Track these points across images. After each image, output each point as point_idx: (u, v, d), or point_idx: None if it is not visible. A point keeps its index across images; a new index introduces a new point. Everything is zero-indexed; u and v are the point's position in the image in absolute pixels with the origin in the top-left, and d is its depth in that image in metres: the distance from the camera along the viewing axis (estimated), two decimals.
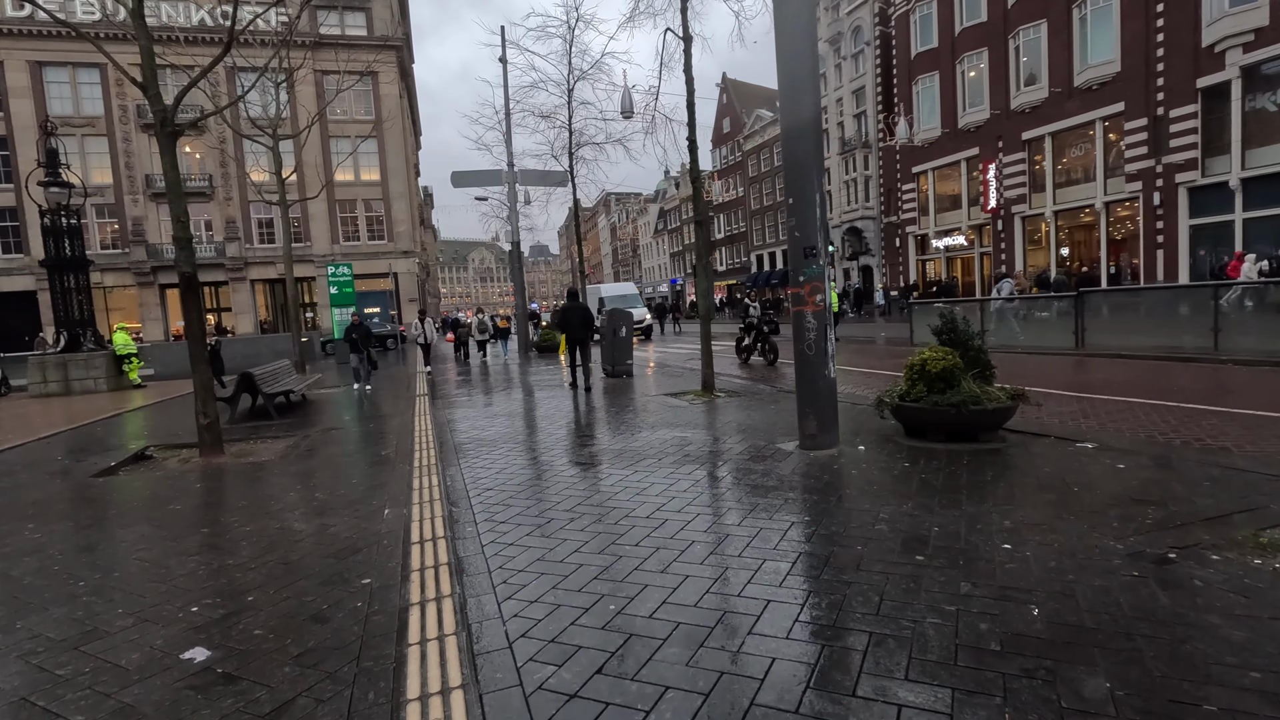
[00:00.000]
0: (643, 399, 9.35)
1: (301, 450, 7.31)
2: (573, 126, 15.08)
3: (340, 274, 21.91)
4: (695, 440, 6.30)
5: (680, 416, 7.71)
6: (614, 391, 10.42)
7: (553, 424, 7.93)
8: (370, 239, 39.70)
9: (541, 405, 9.60)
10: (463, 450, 6.52)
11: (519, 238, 22.56)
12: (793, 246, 5.48)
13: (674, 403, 8.84)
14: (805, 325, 5.41)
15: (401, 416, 9.29)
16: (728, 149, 59.59)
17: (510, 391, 11.77)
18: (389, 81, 39.23)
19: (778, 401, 8.29)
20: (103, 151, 35.61)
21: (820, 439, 5.44)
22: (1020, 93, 31.12)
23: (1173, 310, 13.45)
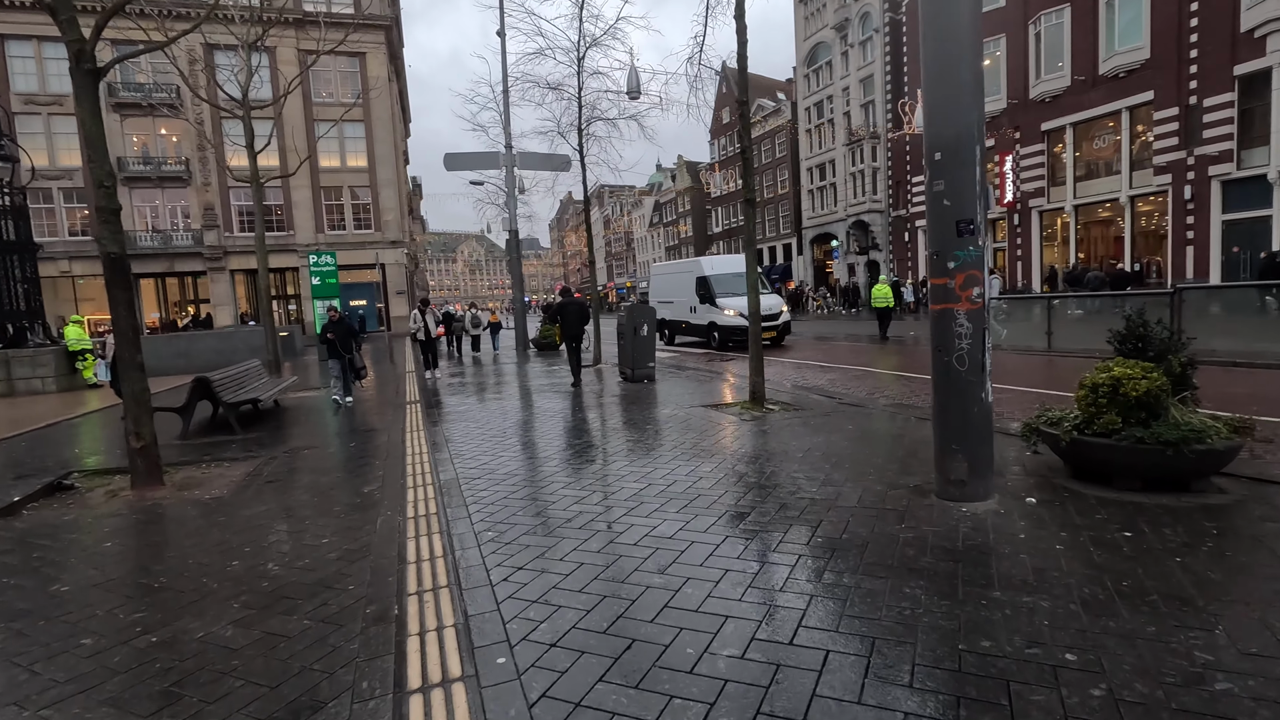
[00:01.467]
0: (680, 413, 7.82)
1: (261, 482, 5.72)
2: (583, 100, 13.42)
3: (323, 263, 20.20)
4: (781, 482, 4.77)
5: (742, 441, 6.19)
6: (640, 402, 8.88)
7: (579, 450, 6.37)
8: (357, 228, 37.87)
9: (555, 419, 8.05)
10: (471, 493, 4.95)
11: (517, 225, 20.96)
12: (937, 220, 3.97)
13: (721, 418, 7.32)
14: (955, 329, 3.91)
15: (390, 433, 7.71)
16: (726, 140, 58.00)
17: (514, 398, 10.20)
18: (377, 63, 37.31)
19: (854, 420, 6.78)
20: (70, 132, 33.41)
21: (971, 487, 3.94)
22: (1040, 81, 29.79)
23: None
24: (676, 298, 20.22)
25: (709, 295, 17.72)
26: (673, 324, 20.48)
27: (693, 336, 19.48)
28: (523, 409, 8.89)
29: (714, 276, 18.05)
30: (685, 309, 19.48)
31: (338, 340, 10.11)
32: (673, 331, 20.56)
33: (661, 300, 21.01)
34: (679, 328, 20.21)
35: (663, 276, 22.75)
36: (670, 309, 20.46)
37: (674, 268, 22.93)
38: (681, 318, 19.88)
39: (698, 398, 8.88)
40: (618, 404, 8.79)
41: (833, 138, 44.34)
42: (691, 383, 10.43)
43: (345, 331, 10.17)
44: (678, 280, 20.54)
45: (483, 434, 7.21)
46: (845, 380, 10.27)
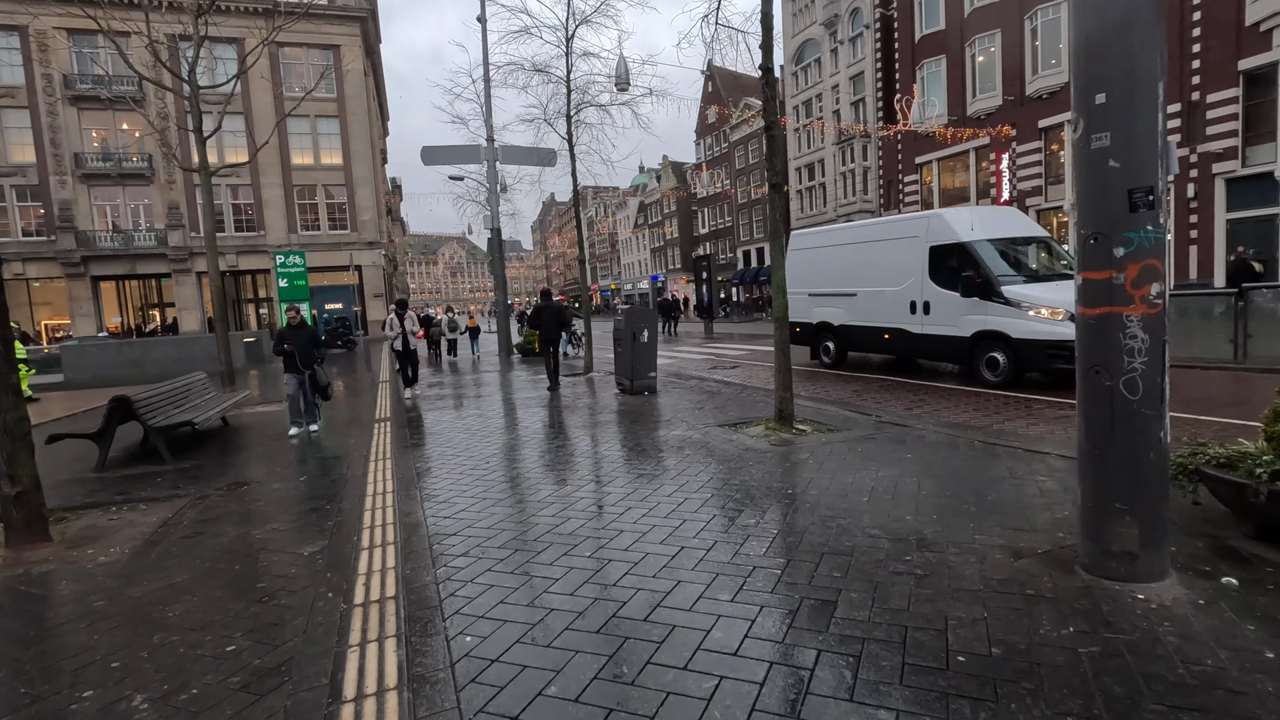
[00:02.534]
0: (695, 435, 6.65)
1: (176, 536, 4.47)
2: (572, 83, 12.24)
3: (291, 264, 18.80)
4: (858, 544, 3.61)
5: (783, 477, 5.01)
6: (644, 420, 7.70)
7: (579, 491, 5.17)
8: (332, 228, 36.29)
9: (546, 446, 6.84)
10: (445, 563, 3.72)
11: (499, 223, 19.72)
12: (1098, 189, 2.85)
13: (746, 443, 6.16)
14: (1123, 342, 2.78)
15: (351, 461, 6.46)
16: (713, 139, 57.11)
17: (497, 416, 8.97)
18: (352, 55, 35.82)
19: (909, 448, 5.65)
20: (24, 126, 31.63)
21: (1144, 561, 2.83)
22: (1037, 77, 29.11)
23: None
24: (865, 285, 11.58)
25: (981, 280, 9.58)
26: (851, 333, 11.90)
27: (914, 355, 10.99)
28: (507, 430, 7.67)
29: (980, 244, 9.92)
30: (892, 306, 10.87)
31: (297, 352, 8.05)
32: (848, 345, 12.14)
33: (820, 291, 12.53)
34: (872, 339, 11.48)
35: (823, 251, 12.75)
36: (844, 306, 11.96)
37: (856, 233, 12.56)
38: (882, 321, 11.12)
39: (710, 415, 7.71)
40: (618, 424, 7.60)
41: (822, 136, 43.54)
42: (699, 395, 9.27)
43: (307, 340, 8.21)
44: (869, 255, 11.56)
45: (461, 466, 5.99)
46: (871, 392, 9.17)
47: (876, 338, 11.32)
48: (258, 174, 34.74)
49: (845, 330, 12.01)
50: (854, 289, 11.79)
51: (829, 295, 12.35)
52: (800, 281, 12.49)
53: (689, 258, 63.41)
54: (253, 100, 34.19)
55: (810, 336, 12.73)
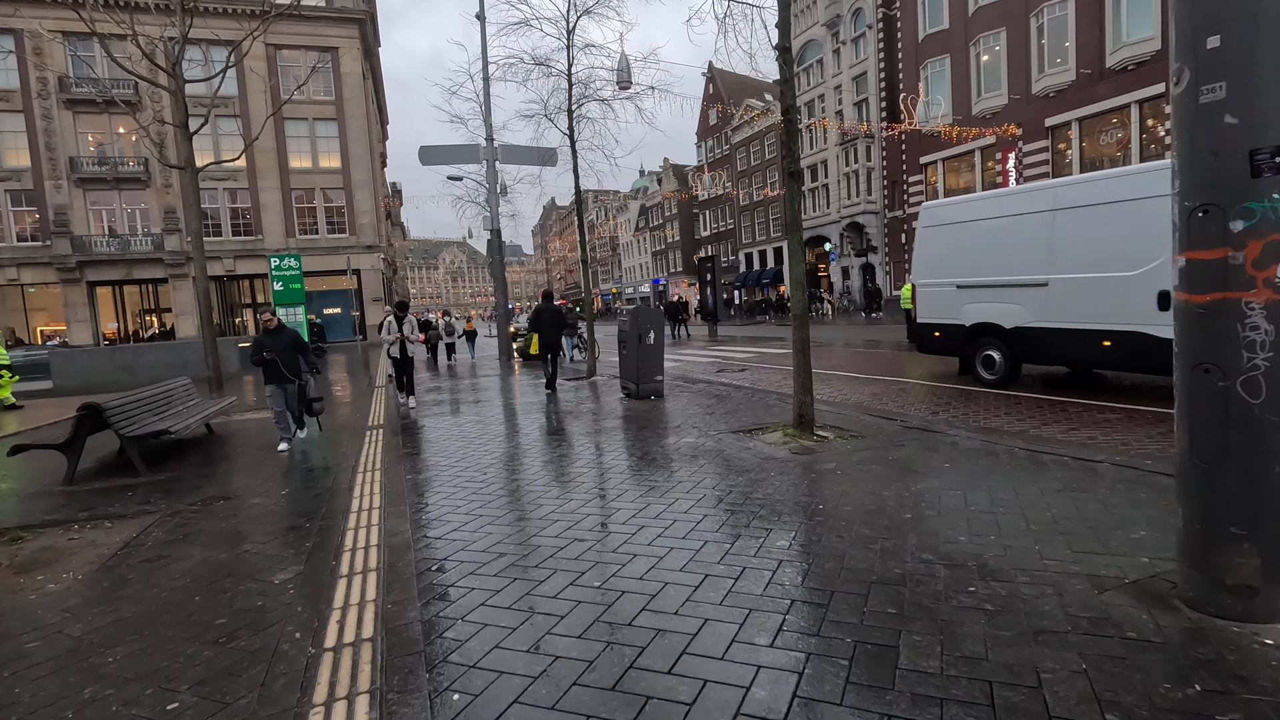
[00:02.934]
0: (708, 443, 6.18)
1: (137, 560, 4.01)
2: (574, 76, 11.81)
3: (286, 267, 18.37)
4: (912, 571, 3.14)
5: (811, 491, 4.53)
6: (652, 426, 7.23)
7: (585, 506, 4.71)
8: (330, 232, 35.90)
9: (547, 455, 6.38)
10: (436, 596, 3.25)
11: (499, 224, 19.28)
12: (1208, 149, 2.38)
13: (765, 451, 5.69)
14: (1242, 335, 2.32)
15: (338, 473, 5.99)
16: (714, 141, 56.75)
17: (496, 422, 8.50)
18: (350, 58, 35.48)
19: (944, 455, 5.18)
20: (19, 130, 31.29)
21: (1267, 597, 2.37)
22: (1043, 75, 28.71)
23: None
24: (1065, 270, 8.25)
25: None
26: (1036, 338, 8.59)
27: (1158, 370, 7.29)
28: (506, 438, 7.21)
29: None
30: (1121, 299, 7.59)
31: (279, 359, 7.24)
32: (1030, 354, 8.80)
33: (977, 282, 9.32)
34: (1078, 347, 8.16)
35: (981, 227, 9.32)
36: (1025, 301, 8.67)
37: (1044, 197, 8.74)
38: (1099, 322, 7.86)
39: (722, 420, 7.24)
40: (625, 430, 7.12)
41: (824, 137, 43.14)
42: (708, 400, 8.79)
43: (289, 345, 7.40)
44: (1075, 227, 8.17)
45: (456, 478, 5.52)
46: (891, 395, 8.69)
47: (1086, 345, 7.93)
48: (255, 177, 34.39)
49: (1025, 335, 8.63)
50: (1044, 276, 8.45)
51: (995, 286, 9.04)
52: (940, 268, 9.84)
53: (691, 261, 63.01)
54: (249, 104, 33.83)
55: (959, 343, 9.51)
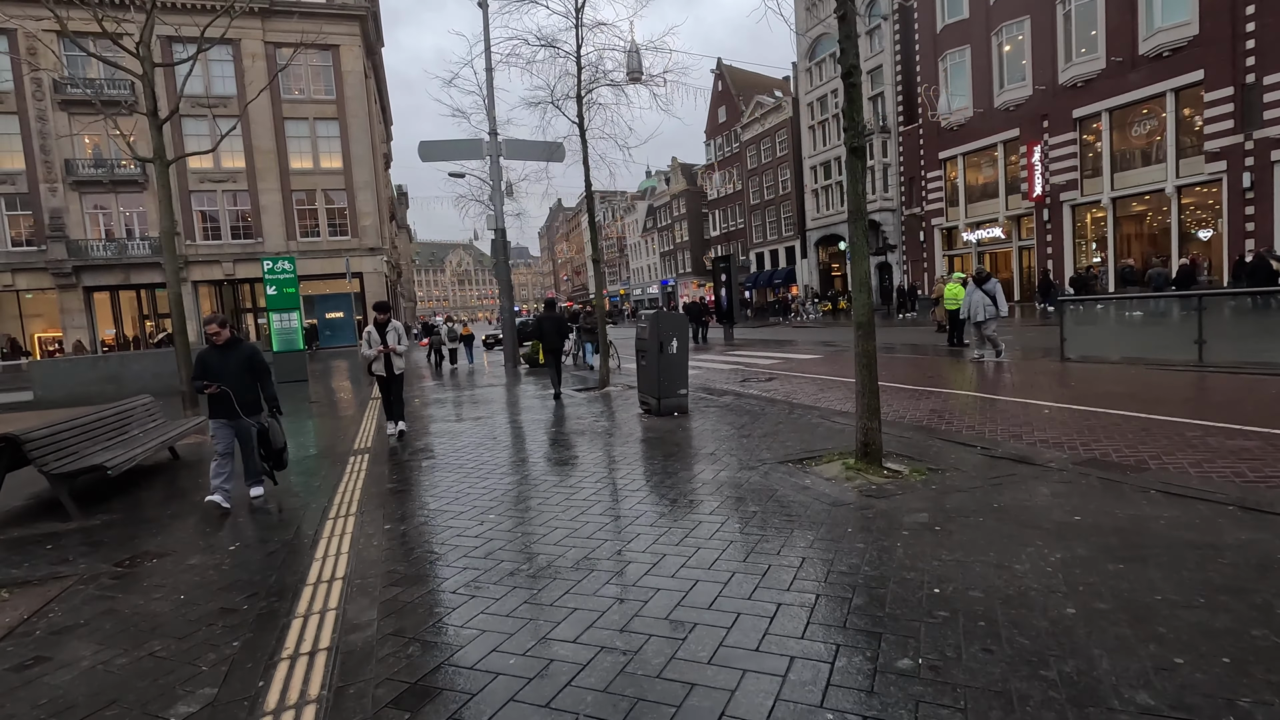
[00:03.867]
0: (754, 479, 5.09)
1: (12, 663, 2.96)
2: (583, 59, 10.77)
3: (280, 270, 17.40)
4: (1097, 714, 2.04)
5: (893, 554, 3.44)
6: (682, 453, 6.15)
7: (622, 586, 3.62)
8: (332, 234, 35.00)
9: (558, 494, 5.30)
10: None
11: (503, 223, 18.28)
12: None
13: (829, 493, 4.60)
14: None
15: (305, 517, 4.94)
16: (723, 139, 55.63)
17: (501, 447, 7.44)
18: (352, 56, 34.59)
19: (1049, 491, 4.08)
20: (12, 132, 30.55)
21: None
22: (1071, 64, 27.48)
23: None
24: None
25: None
26: None
27: None
28: (510, 468, 6.14)
29: None
30: None
31: (230, 388, 5.26)
32: None
33: None
34: None
35: None
36: None
37: None
38: None
39: (763, 445, 6.15)
40: (649, 459, 6.04)
41: (838, 134, 41.94)
42: (739, 417, 7.70)
43: (241, 368, 5.38)
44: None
45: (447, 528, 4.46)
46: (956, 412, 7.55)
47: None
48: (254, 179, 33.55)
49: None
50: None
51: None
52: None
53: (700, 261, 61.90)
54: (247, 98, 32.89)
55: None
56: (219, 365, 5.32)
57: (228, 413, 5.32)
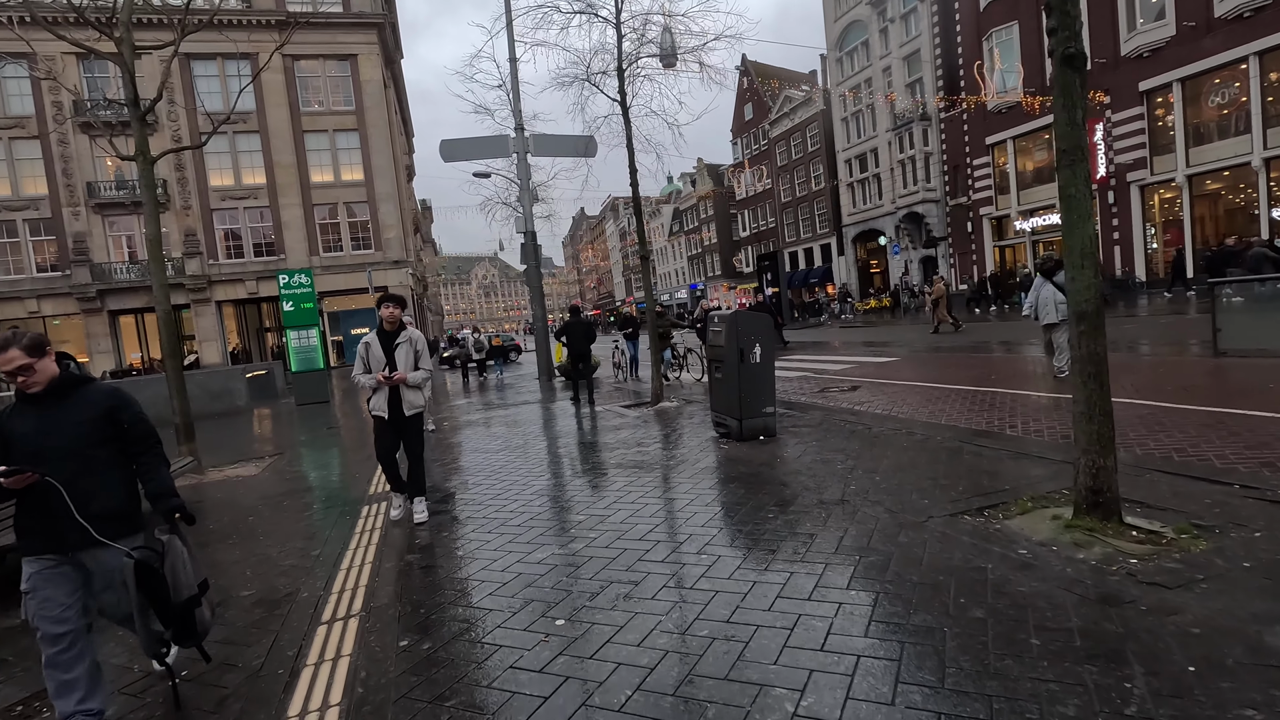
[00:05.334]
0: (925, 546, 3.52)
1: None
2: (625, 25, 9.33)
3: (296, 284, 16.24)
4: None
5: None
6: (796, 499, 4.58)
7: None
8: (355, 248, 34.14)
9: (672, 590, 3.77)
10: None
11: (533, 226, 16.91)
12: None
13: (1051, 566, 3.03)
14: None
15: (270, 656, 3.48)
16: (750, 137, 53.97)
17: (553, 491, 5.97)
18: (370, 65, 33.77)
19: None
20: (35, 157, 30.22)
21: None
22: (1135, 33, 25.38)
23: None
24: None
25: None
26: None
27: None
28: (572, 527, 4.64)
29: None
30: None
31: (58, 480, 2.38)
32: None
33: None
34: None
35: None
36: None
37: None
38: None
39: (908, 485, 4.57)
40: (755, 511, 4.47)
41: (874, 124, 40.07)
42: (845, 440, 6.10)
43: (84, 437, 2.53)
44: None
45: (493, 644, 2.96)
46: (1151, 427, 5.87)
47: None
48: (275, 195, 32.84)
49: None
50: None
51: None
52: None
53: (730, 263, 60.19)
54: (268, 117, 32.32)
55: None
56: (32, 434, 2.47)
57: (48, 540, 2.47)
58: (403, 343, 4.92)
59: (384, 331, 4.94)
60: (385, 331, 4.94)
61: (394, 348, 4.91)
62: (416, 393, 4.99)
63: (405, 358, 4.91)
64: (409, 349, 4.94)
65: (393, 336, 4.93)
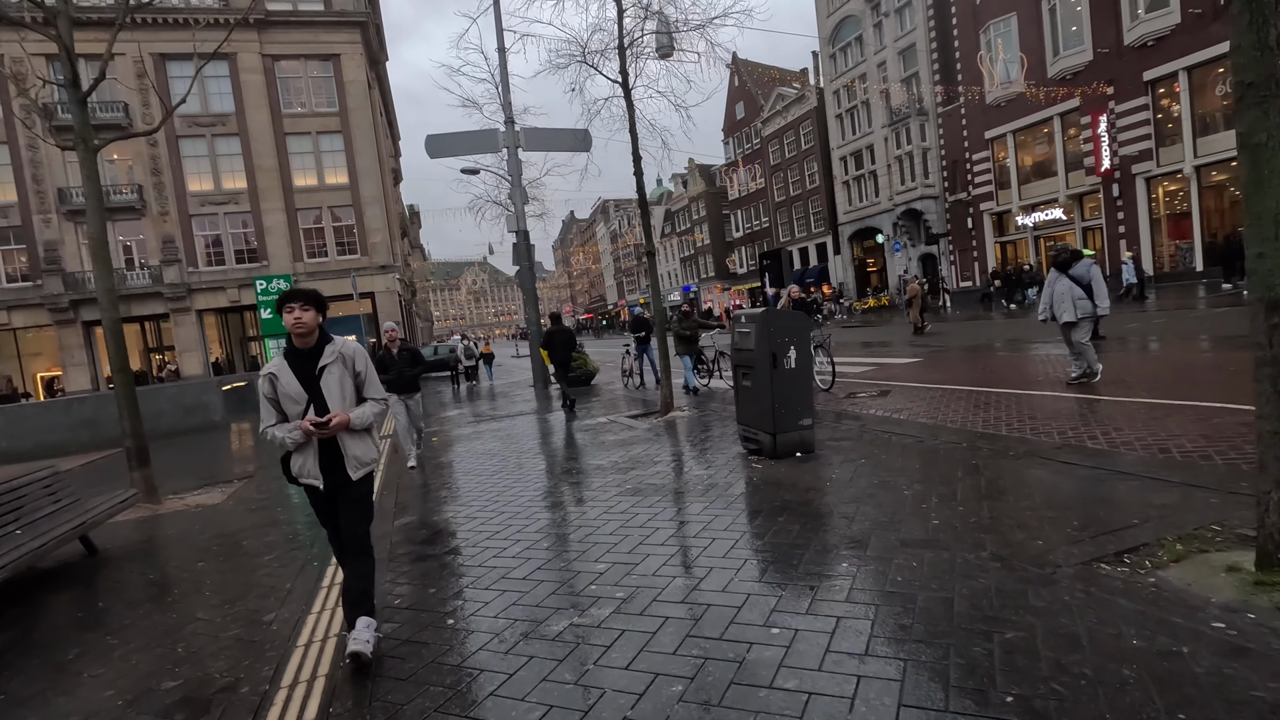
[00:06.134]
0: (1078, 614, 2.67)
1: None
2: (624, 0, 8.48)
3: (274, 290, 15.24)
4: None
5: None
6: (864, 543, 3.71)
7: None
8: (340, 253, 33.07)
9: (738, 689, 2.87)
10: None
11: (525, 224, 16.01)
12: None
13: (1262, 653, 2.15)
14: None
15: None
16: (742, 136, 53.29)
17: (542, 535, 5.07)
18: (354, 65, 32.76)
19: None
20: (3, 163, 29.01)
21: None
22: (1138, 22, 24.80)
23: None
24: None
25: None
26: None
27: None
28: (570, 594, 3.75)
29: None
30: None
31: None
32: None
33: None
34: None
35: None
36: None
37: None
38: None
39: (1005, 518, 3.70)
40: (807, 557, 3.60)
41: (869, 120, 39.42)
42: (911, 460, 5.23)
43: None
44: None
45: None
46: (1233, 435, 5.06)
47: None
48: (257, 199, 31.73)
49: None
50: None
51: None
52: None
53: (723, 265, 59.44)
54: (248, 119, 31.24)
55: None
56: None
57: None
58: (330, 362, 3.08)
59: (295, 351, 3.12)
60: (297, 351, 3.12)
61: (317, 373, 3.07)
62: (364, 441, 3.15)
63: (339, 386, 3.07)
64: (341, 371, 3.10)
65: (313, 356, 3.09)
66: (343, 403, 3.07)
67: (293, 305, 3.05)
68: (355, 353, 3.17)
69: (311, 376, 3.06)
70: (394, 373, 7.28)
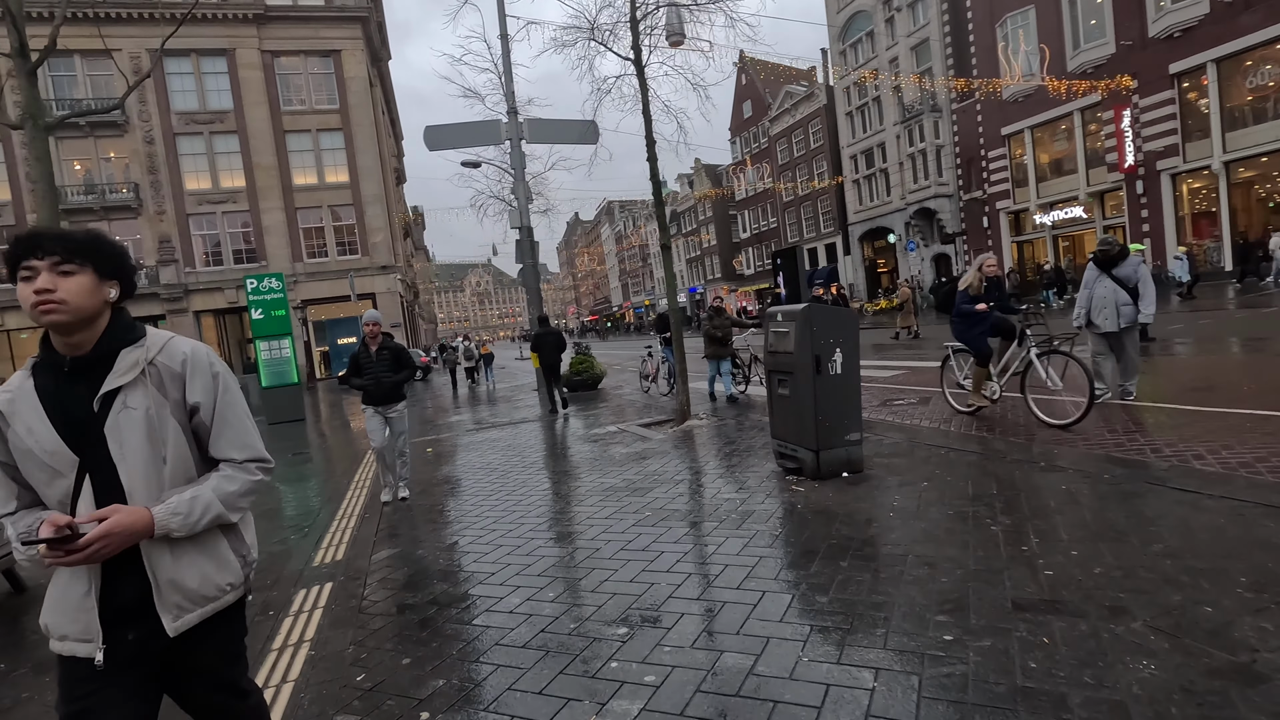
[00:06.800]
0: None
1: None
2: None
3: (266, 289, 14.51)
4: None
5: None
6: (967, 608, 2.93)
7: None
8: (340, 253, 32.38)
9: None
10: None
11: (529, 220, 15.22)
12: None
13: None
14: None
15: None
16: (749, 135, 52.48)
17: (574, 576, 4.26)
18: (355, 62, 32.09)
19: None
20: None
21: None
22: (1164, 13, 23.90)
23: None
24: None
25: None
26: None
27: None
28: (586, 678, 2.95)
29: None
30: None
31: None
32: None
33: None
34: None
35: None
36: None
37: None
38: None
39: (1140, 568, 2.90)
40: (892, 624, 2.80)
41: (880, 118, 38.58)
42: (996, 486, 4.40)
43: None
44: None
45: None
46: None
47: None
48: (256, 198, 31.08)
49: None
50: None
51: None
52: None
53: (730, 265, 58.62)
54: (247, 116, 30.60)
55: None
56: None
57: None
58: (128, 383, 1.46)
59: (54, 363, 1.46)
60: (59, 362, 1.45)
61: (97, 406, 1.44)
62: (205, 554, 1.52)
63: (144, 435, 1.46)
64: (153, 403, 1.48)
65: (94, 372, 1.45)
66: (154, 469, 1.47)
67: (32, 263, 1.39)
68: (191, 362, 1.53)
69: (87, 415, 1.44)
70: (369, 378, 5.66)
